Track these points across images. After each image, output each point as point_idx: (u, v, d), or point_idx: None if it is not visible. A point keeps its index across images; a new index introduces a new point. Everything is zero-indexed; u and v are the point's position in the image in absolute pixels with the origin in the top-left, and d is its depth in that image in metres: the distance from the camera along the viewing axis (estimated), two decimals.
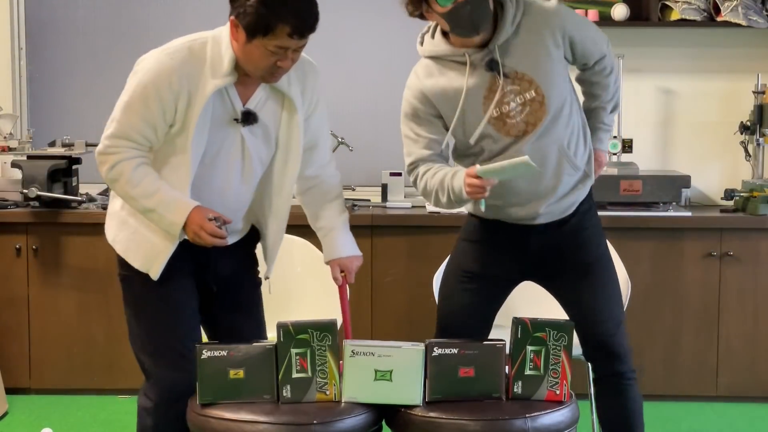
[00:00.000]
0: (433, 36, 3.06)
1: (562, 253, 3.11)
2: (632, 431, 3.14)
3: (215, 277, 3.03)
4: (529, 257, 3.12)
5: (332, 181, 3.14)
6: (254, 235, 3.15)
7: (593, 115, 3.18)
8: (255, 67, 2.78)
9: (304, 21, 2.72)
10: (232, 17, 2.74)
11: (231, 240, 2.98)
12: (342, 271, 3.13)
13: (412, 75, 3.08)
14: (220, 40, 2.82)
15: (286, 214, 3.07)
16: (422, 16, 2.96)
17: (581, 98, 3.21)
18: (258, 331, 3.12)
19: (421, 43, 3.09)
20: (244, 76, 2.84)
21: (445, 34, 3.03)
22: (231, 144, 2.89)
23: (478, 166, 2.88)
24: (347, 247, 3.13)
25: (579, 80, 3.20)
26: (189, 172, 2.85)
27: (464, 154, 3.12)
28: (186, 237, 2.86)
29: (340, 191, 3.17)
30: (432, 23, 3.05)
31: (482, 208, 2.96)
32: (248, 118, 2.87)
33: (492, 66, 2.96)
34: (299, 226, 3.34)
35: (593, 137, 3.15)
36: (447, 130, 3.06)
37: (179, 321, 2.94)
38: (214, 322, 3.10)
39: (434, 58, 3.04)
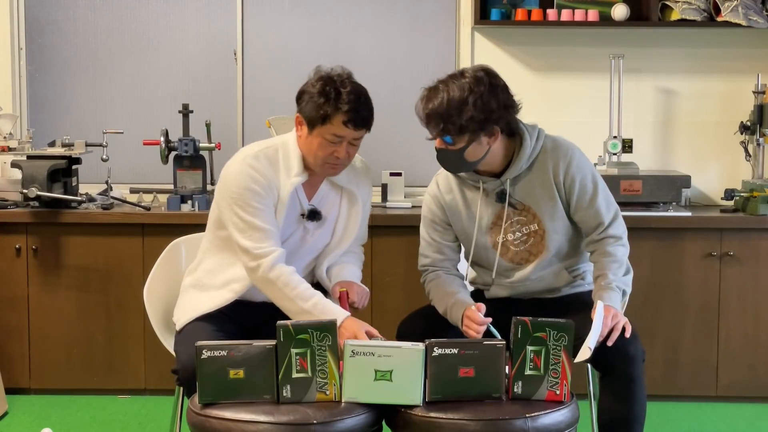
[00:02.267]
0: None
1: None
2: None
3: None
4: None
5: (354, 249, 3.38)
6: None
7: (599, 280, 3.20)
8: (315, 157, 3.11)
9: (358, 111, 3.05)
10: (297, 113, 3.12)
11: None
12: (344, 289, 3.23)
13: (433, 184, 3.33)
14: (287, 144, 3.18)
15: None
16: None
17: None
18: None
19: None
20: (311, 177, 3.17)
21: None
22: (296, 236, 3.22)
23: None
24: (352, 277, 3.29)
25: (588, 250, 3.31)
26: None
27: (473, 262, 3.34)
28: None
29: (358, 258, 3.39)
30: None
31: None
32: (313, 215, 3.22)
33: (502, 198, 3.19)
34: None
35: (597, 293, 3.14)
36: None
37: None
38: None
39: (455, 175, 3.26)
